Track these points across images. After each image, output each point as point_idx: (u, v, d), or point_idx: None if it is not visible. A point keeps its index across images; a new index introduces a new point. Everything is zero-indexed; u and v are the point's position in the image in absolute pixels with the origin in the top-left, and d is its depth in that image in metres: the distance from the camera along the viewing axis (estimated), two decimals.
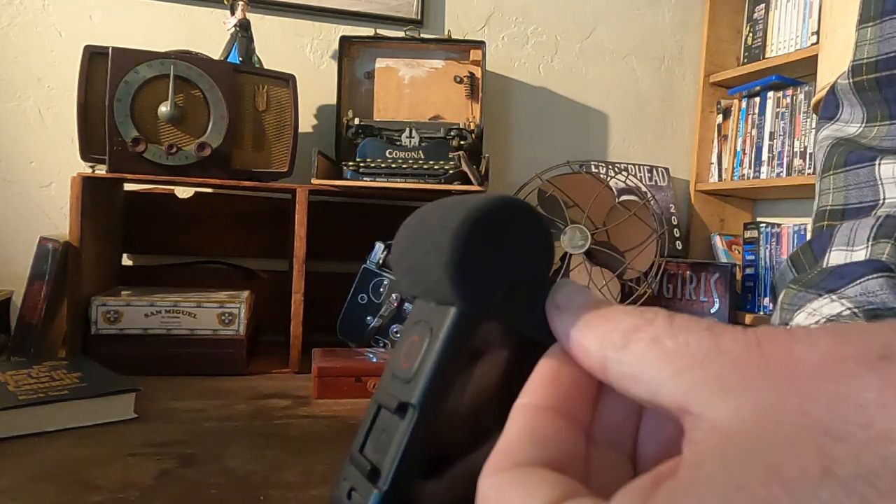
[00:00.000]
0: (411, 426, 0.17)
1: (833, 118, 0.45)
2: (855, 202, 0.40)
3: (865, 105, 0.43)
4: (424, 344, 0.18)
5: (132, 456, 0.75)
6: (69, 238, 1.12)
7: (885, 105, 0.41)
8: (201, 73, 1.18)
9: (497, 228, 0.17)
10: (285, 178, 1.29)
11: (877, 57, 0.41)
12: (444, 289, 0.17)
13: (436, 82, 1.55)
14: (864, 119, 0.43)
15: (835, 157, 0.43)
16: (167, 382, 1.06)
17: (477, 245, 0.17)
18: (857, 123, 0.43)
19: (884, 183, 0.39)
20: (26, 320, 1.10)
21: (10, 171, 1.41)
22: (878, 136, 0.41)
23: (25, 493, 0.65)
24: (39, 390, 0.84)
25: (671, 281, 1.59)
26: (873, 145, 0.41)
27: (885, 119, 0.42)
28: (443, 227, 0.17)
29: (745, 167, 1.76)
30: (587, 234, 1.43)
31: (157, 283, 1.38)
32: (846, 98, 0.44)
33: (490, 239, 0.17)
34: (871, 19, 0.42)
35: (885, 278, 0.33)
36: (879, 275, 0.33)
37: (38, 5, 1.41)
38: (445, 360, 0.17)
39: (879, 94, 0.41)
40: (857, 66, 0.43)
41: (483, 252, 0.17)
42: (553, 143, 1.77)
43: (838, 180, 0.42)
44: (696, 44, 1.88)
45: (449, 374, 0.17)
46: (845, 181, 0.42)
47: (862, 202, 0.40)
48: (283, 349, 1.29)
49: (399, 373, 0.18)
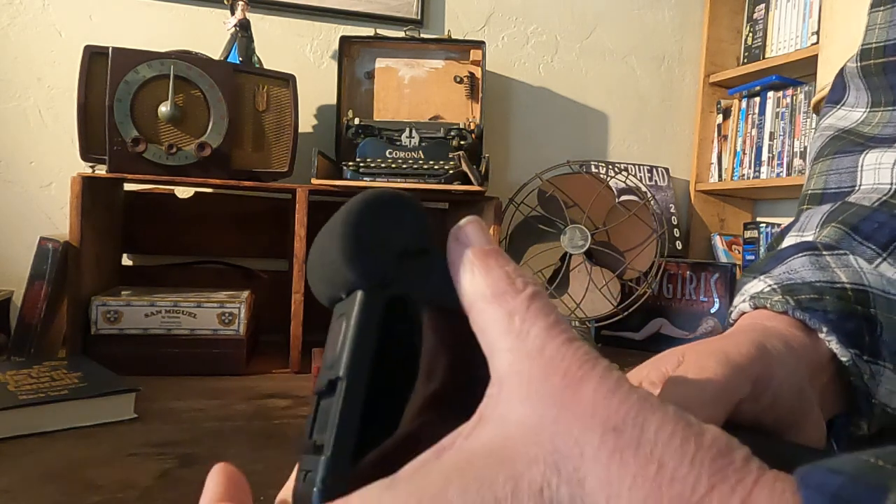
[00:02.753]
0: (342, 396, 0.19)
1: (839, 102, 0.45)
2: (833, 187, 0.41)
3: (871, 90, 0.43)
4: (342, 329, 0.20)
5: (132, 456, 0.75)
6: (69, 238, 1.12)
7: (889, 91, 0.41)
8: (201, 73, 1.18)
9: (375, 213, 0.20)
10: (285, 178, 1.29)
11: (885, 42, 0.41)
12: (345, 271, 0.20)
13: (436, 82, 1.55)
14: (869, 104, 0.43)
15: (828, 149, 0.43)
16: (167, 382, 1.06)
17: (361, 227, 0.20)
18: (862, 108, 0.43)
19: (864, 169, 0.39)
20: (26, 320, 1.10)
21: (10, 171, 1.41)
22: (882, 123, 0.41)
23: (25, 493, 0.65)
24: (39, 390, 0.84)
25: (671, 281, 1.59)
26: (875, 133, 0.41)
27: (888, 105, 0.41)
28: (333, 229, 0.20)
29: (745, 167, 1.76)
30: (587, 234, 1.43)
31: (157, 283, 1.38)
32: (853, 82, 0.44)
33: (372, 222, 0.20)
34: (883, 3, 0.42)
35: (807, 256, 0.34)
36: (803, 254, 0.34)
37: (38, 5, 1.41)
38: (361, 333, 0.19)
39: (885, 80, 0.41)
40: (865, 50, 0.42)
41: (368, 232, 0.20)
42: (553, 143, 1.77)
43: (823, 166, 0.42)
44: (696, 44, 1.88)
45: (367, 344, 0.20)
46: (828, 167, 0.42)
47: (840, 187, 0.40)
48: (283, 349, 1.29)
49: (327, 361, 0.21)
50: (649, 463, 0.15)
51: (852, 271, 0.33)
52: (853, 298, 0.31)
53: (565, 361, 0.17)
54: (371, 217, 0.20)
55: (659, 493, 0.15)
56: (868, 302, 0.31)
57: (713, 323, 1.51)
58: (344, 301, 0.21)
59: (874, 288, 0.32)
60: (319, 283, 0.22)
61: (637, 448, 0.15)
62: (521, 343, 0.18)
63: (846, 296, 0.31)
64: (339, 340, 0.20)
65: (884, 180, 0.37)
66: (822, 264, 0.33)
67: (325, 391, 0.20)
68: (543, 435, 0.16)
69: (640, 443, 0.15)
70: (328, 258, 0.21)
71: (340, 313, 0.21)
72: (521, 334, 0.18)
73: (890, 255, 0.33)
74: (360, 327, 0.19)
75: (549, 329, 0.18)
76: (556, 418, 0.16)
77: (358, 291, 0.20)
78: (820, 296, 0.31)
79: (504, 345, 0.18)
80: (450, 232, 0.21)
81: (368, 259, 0.20)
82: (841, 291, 0.31)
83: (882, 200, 0.36)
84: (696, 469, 0.15)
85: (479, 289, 0.19)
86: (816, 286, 0.32)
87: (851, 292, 0.31)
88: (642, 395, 0.17)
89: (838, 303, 0.30)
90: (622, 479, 0.15)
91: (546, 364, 0.17)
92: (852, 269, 0.33)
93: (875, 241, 0.34)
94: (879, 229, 0.34)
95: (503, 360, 0.18)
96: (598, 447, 0.16)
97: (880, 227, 0.34)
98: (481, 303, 0.19)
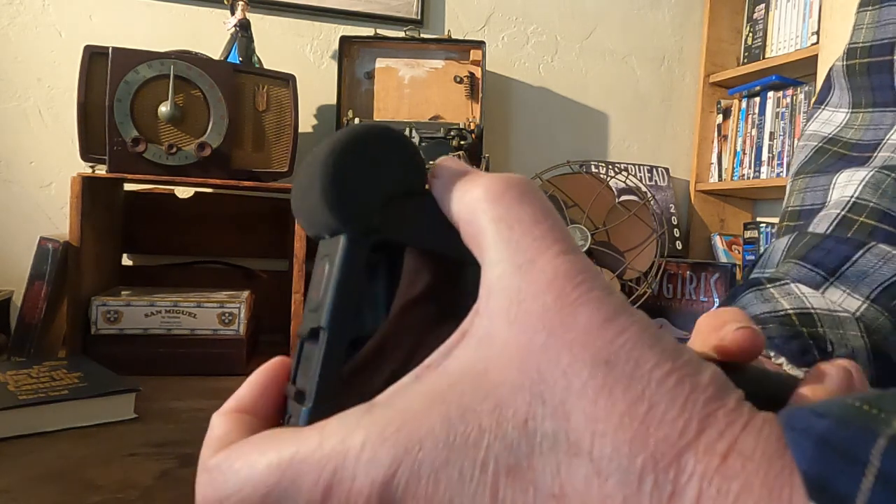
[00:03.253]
0: (324, 347, 0.18)
1: (824, 101, 0.45)
2: (808, 204, 0.41)
3: (853, 90, 0.43)
4: (325, 272, 0.19)
5: (132, 456, 0.75)
6: (69, 238, 1.12)
7: (870, 92, 0.42)
8: (201, 73, 1.18)
9: (361, 151, 0.19)
10: (285, 178, 1.29)
11: (871, 42, 0.41)
12: (327, 217, 0.18)
13: (436, 82, 1.55)
14: (850, 104, 0.43)
15: (811, 164, 0.43)
16: (167, 382, 1.06)
17: (344, 168, 0.18)
18: (845, 109, 0.43)
19: (834, 187, 0.39)
20: (26, 320, 1.10)
21: (10, 171, 1.41)
22: (863, 125, 0.41)
23: (25, 493, 0.65)
24: (39, 390, 0.84)
25: (671, 281, 1.59)
26: (857, 139, 0.41)
27: (868, 106, 0.42)
28: (315, 164, 0.19)
29: (745, 167, 1.76)
30: (587, 233, 1.43)
31: (157, 283, 1.38)
32: (838, 81, 0.44)
33: (356, 161, 0.18)
34: (870, 3, 0.42)
35: (753, 292, 0.35)
36: (750, 290, 0.35)
37: (38, 5, 1.41)
38: (344, 281, 0.18)
39: (868, 80, 0.41)
40: (851, 50, 0.43)
41: (351, 173, 0.18)
42: (553, 143, 1.77)
43: (804, 182, 0.43)
44: (696, 44, 1.88)
45: (350, 293, 0.19)
46: (807, 184, 0.42)
47: (814, 204, 0.41)
48: (283, 349, 1.29)
49: (311, 305, 0.20)
50: (639, 402, 0.15)
51: (794, 297, 0.33)
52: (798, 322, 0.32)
53: (559, 279, 0.16)
54: (355, 157, 0.19)
55: (646, 435, 0.14)
56: (814, 323, 0.32)
57: None
58: (328, 241, 0.20)
59: (819, 309, 0.32)
60: (303, 220, 0.21)
61: (628, 385, 0.15)
62: (511, 254, 0.17)
63: (789, 321, 0.32)
64: (322, 284, 0.19)
65: (847, 193, 0.38)
66: (767, 296, 0.34)
67: (308, 337, 0.19)
68: (530, 362, 0.16)
69: (632, 379, 0.15)
70: (309, 199, 0.19)
71: (324, 254, 0.20)
72: (512, 243, 0.17)
73: (837, 279, 0.34)
74: (343, 275, 0.18)
75: (543, 237, 0.17)
76: (544, 345, 0.15)
77: (341, 236, 0.19)
78: (763, 325, 0.32)
79: (494, 255, 0.17)
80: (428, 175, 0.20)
81: (351, 204, 0.18)
82: (784, 318, 0.32)
83: (839, 217, 0.37)
84: (688, 412, 0.15)
85: (469, 199, 0.18)
86: (761, 318, 0.32)
87: (795, 317, 0.32)
88: (641, 326, 0.16)
89: (781, 328, 0.31)
90: (609, 418, 0.15)
91: (537, 279, 0.16)
92: (794, 296, 0.33)
93: (823, 267, 0.34)
94: (828, 255, 0.35)
95: (493, 272, 0.17)
96: (587, 381, 0.15)
97: (828, 254, 0.35)
98: (470, 213, 0.18)
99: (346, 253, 0.18)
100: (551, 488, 0.14)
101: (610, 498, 0.14)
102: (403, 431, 0.15)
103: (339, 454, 0.16)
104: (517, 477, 0.15)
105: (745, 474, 0.14)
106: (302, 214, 0.21)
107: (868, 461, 0.13)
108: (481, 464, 0.15)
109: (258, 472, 0.16)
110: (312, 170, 0.19)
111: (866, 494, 0.13)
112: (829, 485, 0.13)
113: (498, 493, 0.14)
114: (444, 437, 0.15)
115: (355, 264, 0.19)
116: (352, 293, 0.19)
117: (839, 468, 0.13)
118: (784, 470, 0.14)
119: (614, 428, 0.14)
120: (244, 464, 0.17)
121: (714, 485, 0.14)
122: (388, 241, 0.19)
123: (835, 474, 0.13)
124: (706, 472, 0.14)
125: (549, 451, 0.15)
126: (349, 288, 0.19)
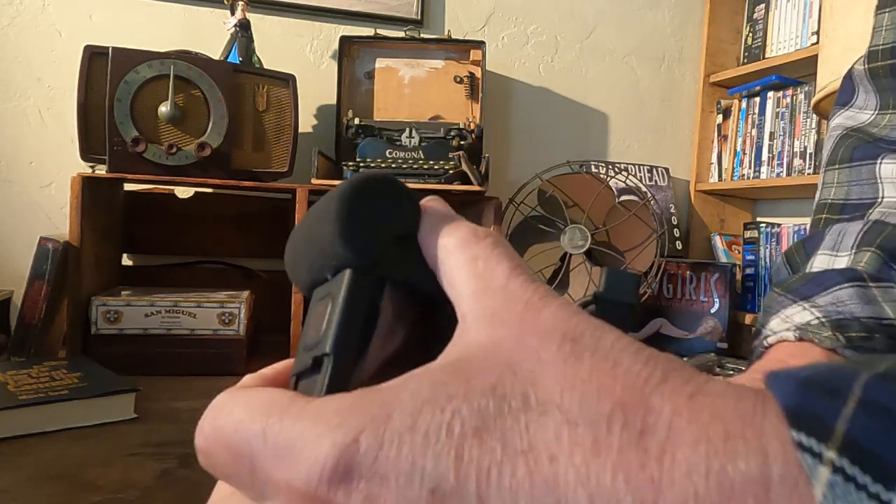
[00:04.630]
0: (328, 373, 0.19)
1: (848, 104, 0.45)
2: (855, 198, 0.40)
3: (879, 92, 0.43)
4: (328, 309, 0.20)
5: (132, 456, 0.75)
6: (69, 238, 1.12)
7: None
8: (201, 73, 1.18)
9: (371, 193, 0.20)
10: (285, 178, 1.29)
11: (892, 43, 0.41)
12: (339, 248, 0.19)
13: (436, 82, 1.55)
14: (878, 106, 0.43)
15: (841, 150, 0.43)
16: (167, 382, 1.06)
17: (359, 205, 0.20)
18: (871, 110, 0.43)
19: (883, 182, 0.39)
20: (26, 320, 1.10)
21: (10, 171, 1.41)
22: (890, 125, 0.41)
23: (25, 493, 0.65)
24: (39, 390, 0.84)
25: (671, 281, 1.59)
26: (883, 135, 0.41)
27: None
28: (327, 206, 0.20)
29: (745, 167, 1.76)
30: (587, 234, 1.43)
31: (157, 283, 1.38)
32: (861, 84, 0.44)
33: (367, 202, 0.20)
34: (888, 5, 0.42)
35: (855, 288, 0.33)
36: (851, 284, 0.34)
37: (38, 5, 1.41)
38: (350, 310, 0.19)
39: (893, 81, 0.41)
40: (873, 52, 0.43)
41: (364, 211, 0.20)
42: (553, 143, 1.77)
43: (842, 175, 0.42)
44: (696, 44, 1.88)
45: (355, 322, 0.19)
46: (848, 177, 0.41)
47: (862, 199, 0.40)
48: (283, 349, 1.29)
49: (309, 342, 0.20)
50: (605, 360, 0.16)
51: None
52: None
53: (527, 294, 0.18)
54: (370, 196, 0.20)
55: (613, 383, 0.15)
56: None
57: (713, 323, 1.51)
58: (328, 283, 0.21)
59: None
60: (302, 265, 0.22)
61: (594, 351, 0.16)
62: (484, 283, 0.18)
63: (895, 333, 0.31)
64: (323, 321, 0.20)
65: None
66: (870, 297, 0.33)
67: (308, 370, 0.20)
68: (501, 349, 0.17)
69: (597, 349, 0.16)
70: (317, 236, 0.20)
71: (323, 295, 0.21)
72: (486, 274, 0.18)
73: None
74: (349, 305, 0.19)
75: (512, 270, 0.18)
76: (516, 337, 0.17)
77: (347, 270, 0.20)
78: (870, 334, 0.31)
79: (468, 288, 0.18)
80: None
81: (363, 238, 0.20)
82: (890, 329, 0.31)
83: None
84: (651, 366, 0.15)
85: (445, 243, 0.20)
86: (865, 322, 0.32)
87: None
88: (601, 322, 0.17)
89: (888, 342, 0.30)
90: (578, 374, 0.15)
91: (508, 297, 0.18)
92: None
93: None
94: None
95: (467, 302, 0.18)
96: (556, 352, 0.16)
97: None
98: (447, 255, 0.19)
99: (353, 283, 0.19)
100: (519, 445, 0.15)
101: (580, 443, 0.14)
102: (376, 402, 0.16)
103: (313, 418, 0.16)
104: (483, 437, 0.15)
105: (715, 406, 0.14)
106: (302, 258, 0.22)
107: (851, 392, 0.13)
108: (447, 427, 0.15)
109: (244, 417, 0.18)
110: (323, 209, 0.20)
111: (847, 417, 0.13)
112: (809, 411, 0.13)
113: (463, 453, 0.15)
114: (411, 406, 0.16)
115: (362, 295, 0.20)
116: (357, 322, 0.19)
117: (822, 401, 0.13)
118: (758, 403, 0.14)
119: (582, 381, 0.15)
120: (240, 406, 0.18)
121: (684, 416, 0.14)
122: (385, 279, 0.20)
123: (816, 404, 0.13)
124: (676, 408, 0.14)
125: (517, 412, 0.15)
126: (355, 316, 0.19)
